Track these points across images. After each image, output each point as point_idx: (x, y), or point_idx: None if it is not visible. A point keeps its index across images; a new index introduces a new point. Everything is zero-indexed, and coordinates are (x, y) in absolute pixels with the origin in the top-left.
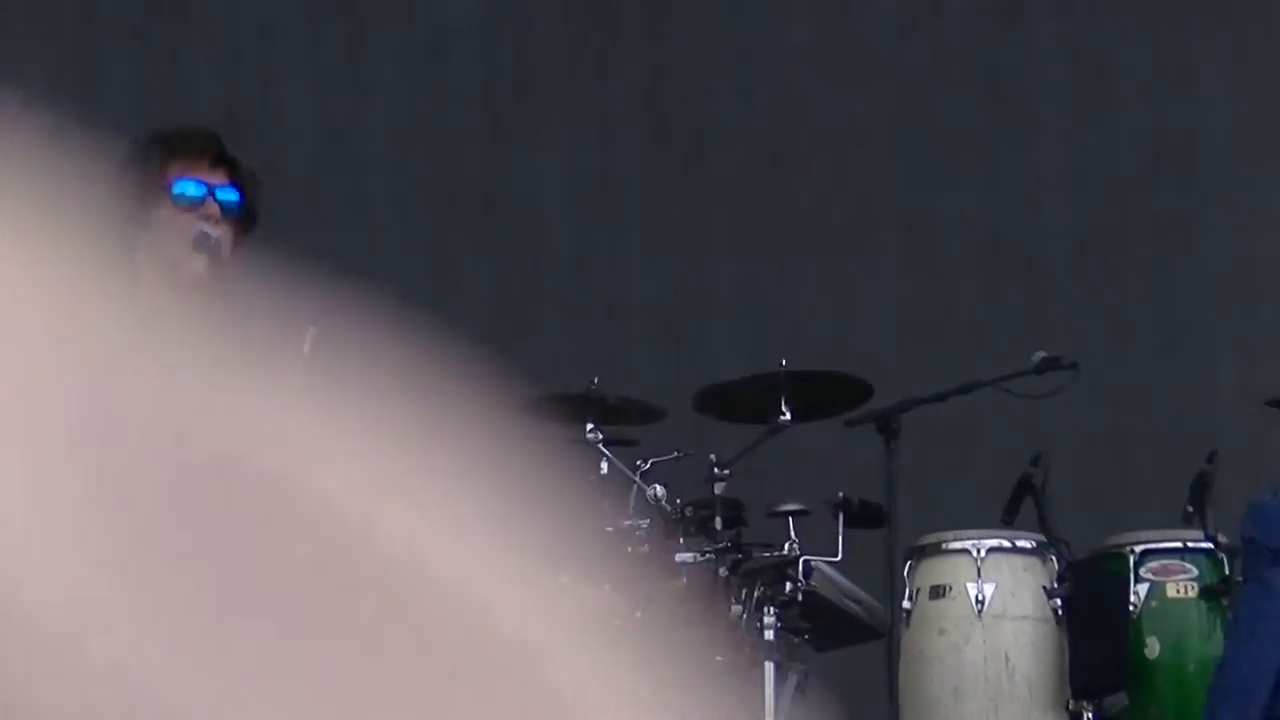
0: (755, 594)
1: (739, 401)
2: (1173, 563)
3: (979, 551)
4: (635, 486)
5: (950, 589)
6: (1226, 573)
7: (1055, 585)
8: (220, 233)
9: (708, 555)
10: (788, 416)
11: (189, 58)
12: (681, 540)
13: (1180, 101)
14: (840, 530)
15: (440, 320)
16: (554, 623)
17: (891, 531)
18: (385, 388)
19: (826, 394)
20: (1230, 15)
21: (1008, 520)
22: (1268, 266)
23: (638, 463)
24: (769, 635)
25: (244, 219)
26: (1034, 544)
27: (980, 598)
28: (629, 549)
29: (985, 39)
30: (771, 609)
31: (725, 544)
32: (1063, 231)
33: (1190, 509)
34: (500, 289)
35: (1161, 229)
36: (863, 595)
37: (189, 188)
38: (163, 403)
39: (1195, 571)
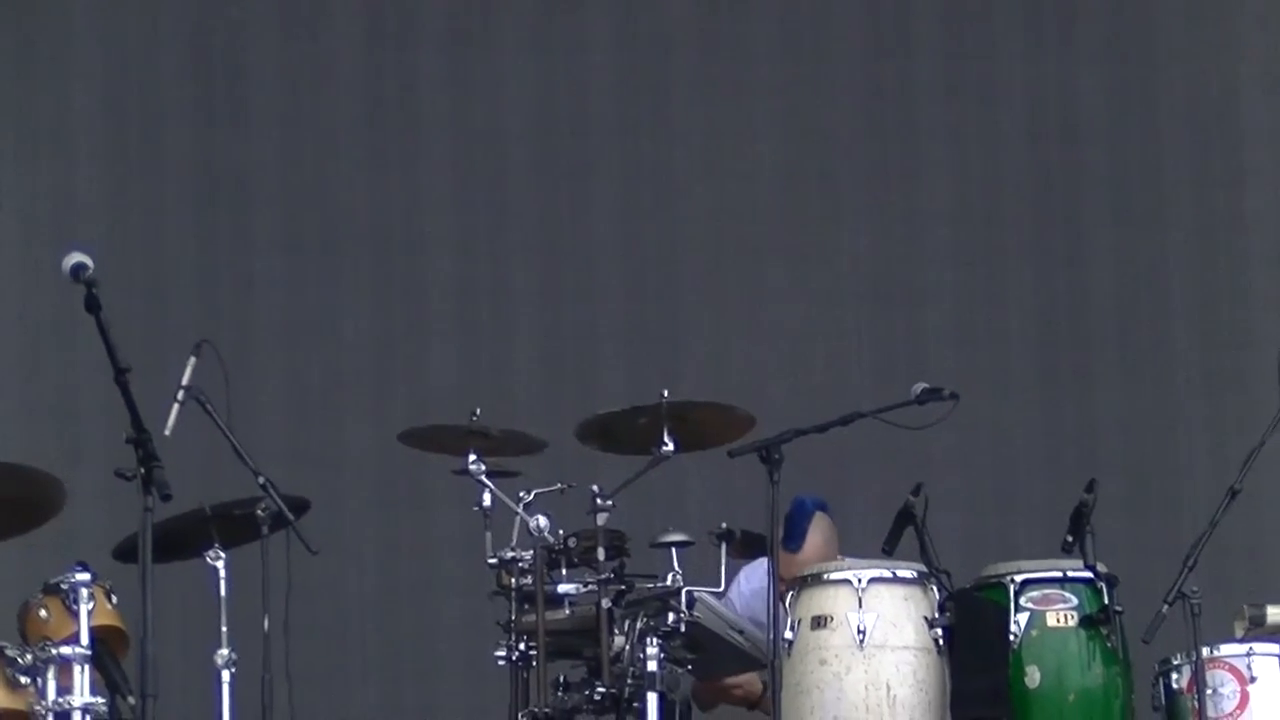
0: (638, 625)
1: (621, 432)
2: (1053, 592)
3: (860, 582)
4: (518, 518)
5: (832, 619)
6: (1106, 601)
7: (936, 615)
8: None
9: (590, 587)
10: (670, 447)
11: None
12: (564, 572)
13: (1063, 135)
14: (723, 561)
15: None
16: None
17: (773, 562)
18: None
19: (709, 425)
20: (1112, 45)
21: (888, 551)
22: (1147, 298)
23: (520, 494)
24: (652, 666)
25: None
26: (915, 574)
27: (862, 628)
28: (512, 580)
29: (872, 73)
30: (655, 640)
31: (608, 575)
32: (945, 263)
33: (1070, 538)
34: (383, 319)
35: (1043, 261)
36: (745, 625)
37: None
38: None
39: (1075, 601)
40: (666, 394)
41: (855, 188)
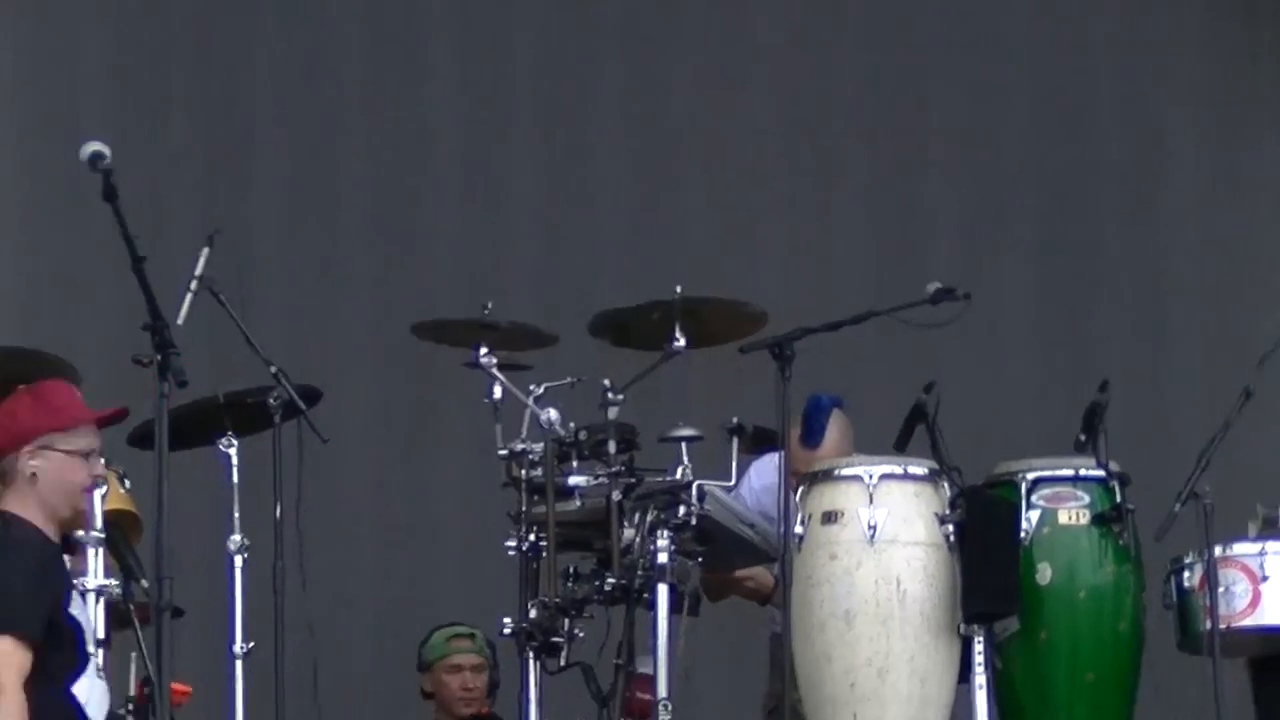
0: (649, 518)
1: (634, 327)
2: (1064, 490)
3: (871, 478)
4: (529, 411)
5: (843, 515)
6: (1118, 500)
7: (947, 512)
8: None
9: (601, 480)
10: (682, 342)
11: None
12: (575, 464)
13: (1070, 50)
14: (734, 455)
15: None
16: None
17: (784, 457)
18: None
19: (720, 321)
20: None
21: (900, 447)
22: (1145, 207)
23: (531, 387)
24: (662, 558)
25: None
26: (926, 471)
27: (872, 524)
28: (522, 472)
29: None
30: (665, 533)
31: (618, 469)
32: (945, 166)
33: (1083, 437)
34: (392, 215)
35: (1052, 166)
36: (755, 519)
37: None
38: None
39: (1087, 499)
40: (680, 289)
41: (857, 89)
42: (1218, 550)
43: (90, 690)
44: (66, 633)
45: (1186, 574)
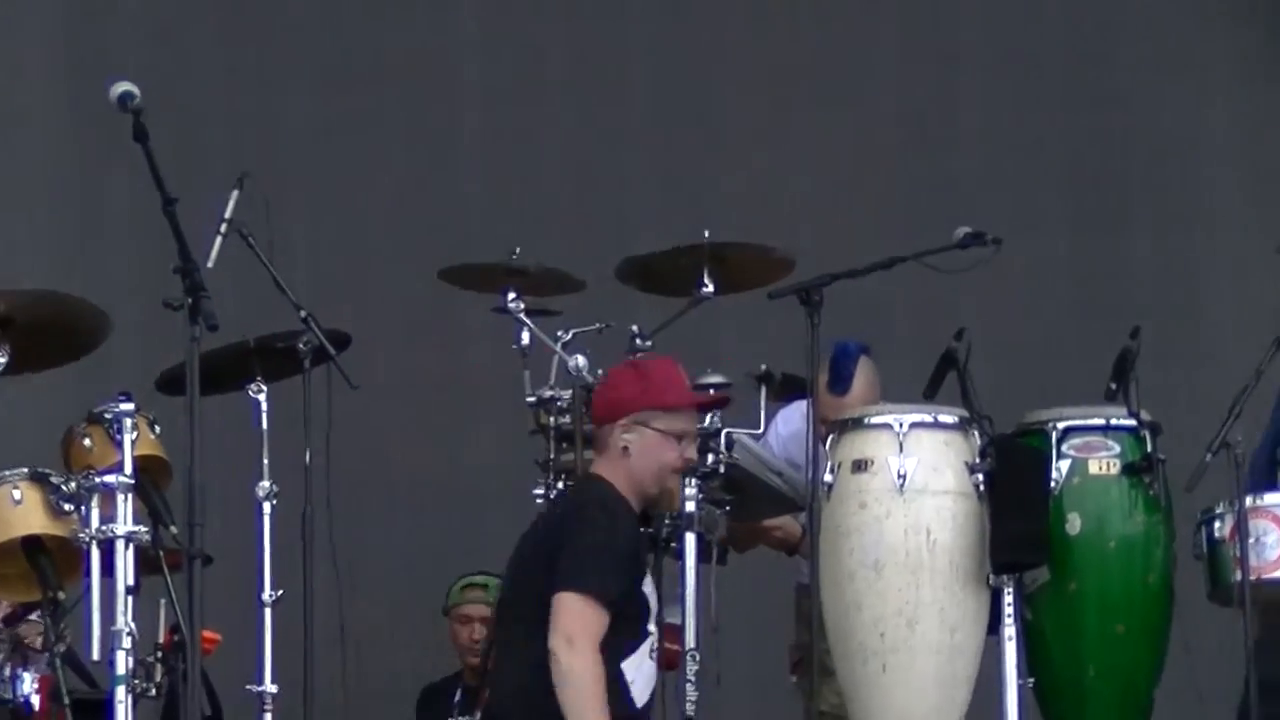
0: None
1: (661, 273)
2: (1095, 439)
3: (901, 426)
4: (557, 357)
5: (872, 463)
6: (1149, 450)
7: (977, 461)
8: None
9: None
10: (710, 288)
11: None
12: None
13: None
14: (762, 403)
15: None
16: None
17: (812, 405)
18: None
19: (748, 267)
20: None
21: (930, 395)
22: (1182, 142)
23: (559, 333)
24: (690, 506)
25: None
26: (956, 419)
27: (902, 472)
28: (550, 419)
29: None
30: (693, 480)
31: None
32: (977, 107)
33: (1113, 385)
34: (421, 159)
35: (1076, 104)
36: (783, 467)
37: None
38: None
39: (1117, 448)
40: (708, 234)
41: (888, 33)
42: (1249, 500)
43: (639, 669)
44: (634, 608)
45: (1217, 524)
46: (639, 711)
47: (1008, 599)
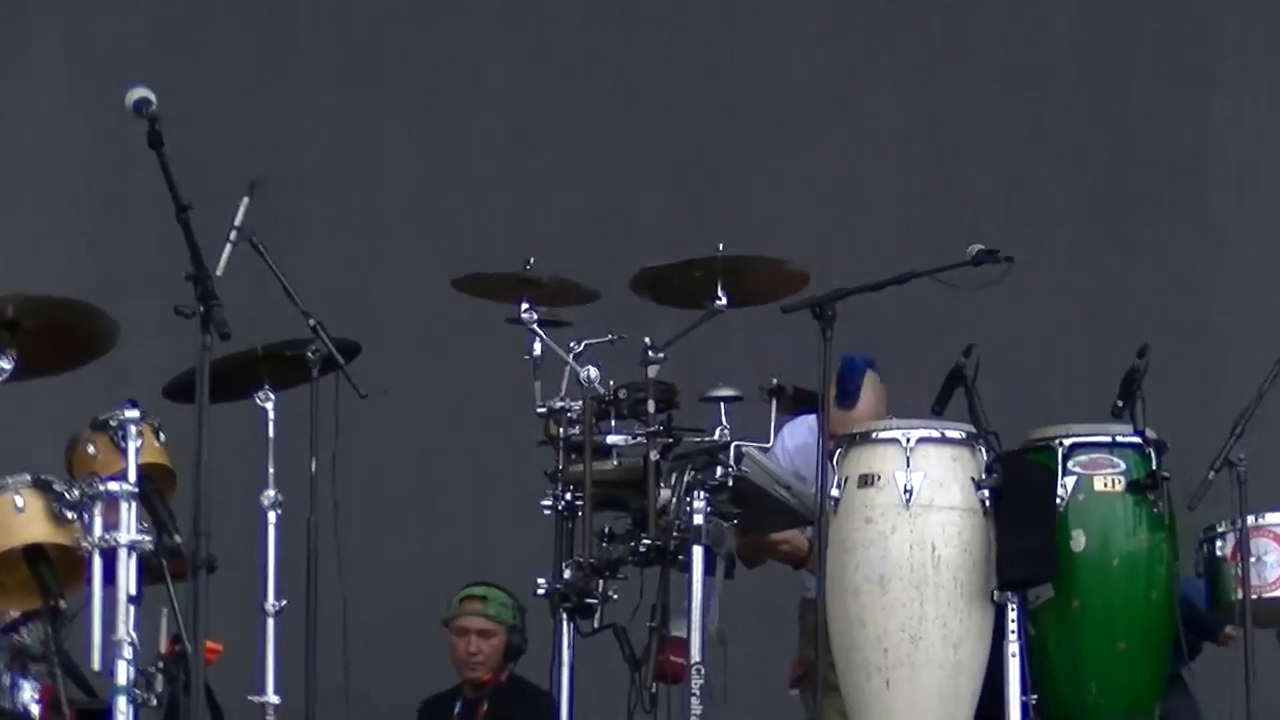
0: (685, 478)
1: (675, 285)
2: (1101, 456)
3: (909, 441)
4: (568, 368)
5: (879, 478)
6: (1154, 467)
7: (984, 476)
8: None
9: (639, 438)
10: (724, 301)
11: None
12: (613, 423)
13: (1109, 8)
14: (773, 416)
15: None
16: None
17: (822, 420)
18: None
19: (762, 280)
20: None
21: (938, 410)
22: (1192, 160)
23: (571, 344)
24: (698, 520)
25: None
26: (963, 435)
27: (909, 487)
28: (560, 430)
29: None
30: (701, 493)
31: (657, 428)
32: (990, 124)
33: (1120, 403)
34: (435, 168)
35: (1088, 122)
36: (792, 481)
37: None
38: None
39: (1123, 466)
40: (722, 247)
41: (903, 46)
42: (1250, 519)
43: None
44: None
45: (1219, 543)
46: None
47: (1012, 615)
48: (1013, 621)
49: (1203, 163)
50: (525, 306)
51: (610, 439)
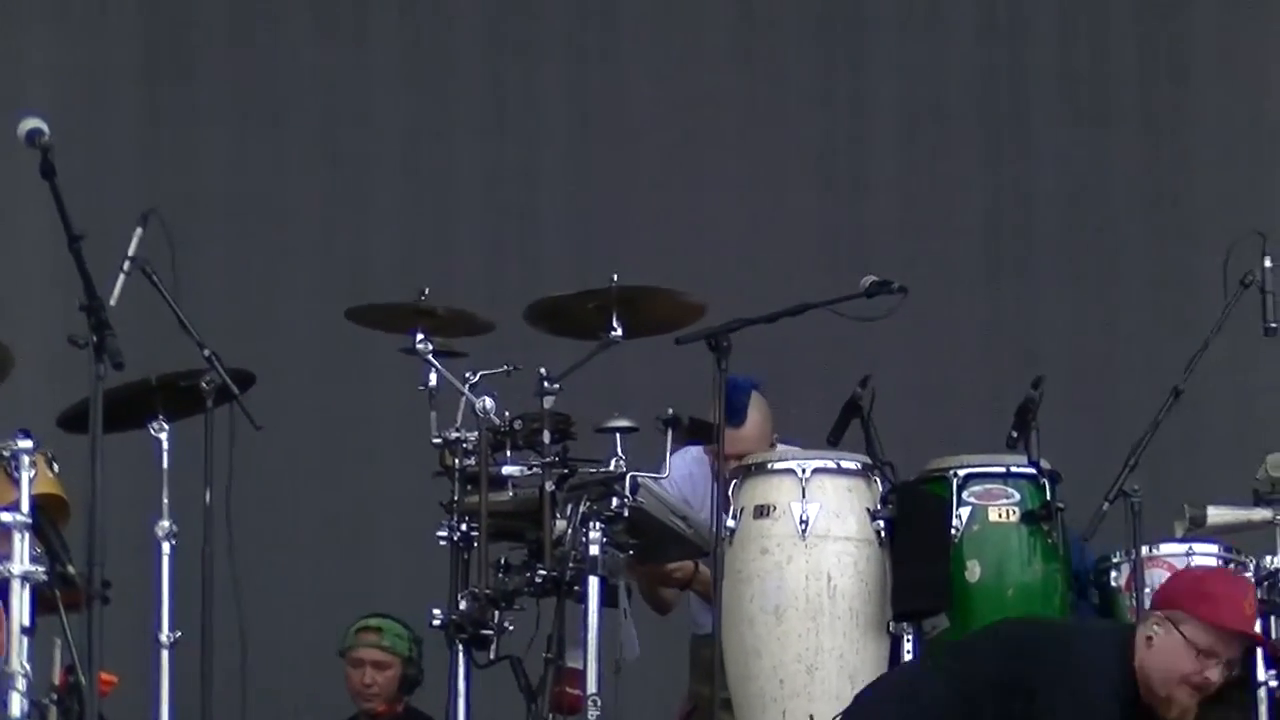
0: (581, 509)
1: (570, 316)
2: (995, 487)
3: (804, 471)
4: (464, 399)
5: (775, 508)
6: (1048, 498)
7: (879, 507)
8: None
9: (535, 469)
10: (619, 332)
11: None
12: (509, 453)
13: (1011, 30)
14: (669, 447)
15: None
16: None
17: (719, 450)
18: None
19: (658, 311)
20: None
21: (834, 441)
22: (1092, 196)
23: (466, 375)
24: (594, 550)
25: None
26: (859, 465)
27: (804, 518)
28: (456, 460)
29: None
30: (597, 524)
31: (553, 458)
32: (891, 156)
33: (1014, 434)
34: (328, 195)
35: (989, 156)
36: (688, 512)
37: None
38: None
39: (1017, 496)
40: (617, 278)
41: (804, 77)
42: (1145, 550)
43: None
44: None
45: (1114, 573)
46: None
47: (907, 646)
48: (908, 652)
49: (1100, 195)
50: (420, 337)
51: (506, 470)
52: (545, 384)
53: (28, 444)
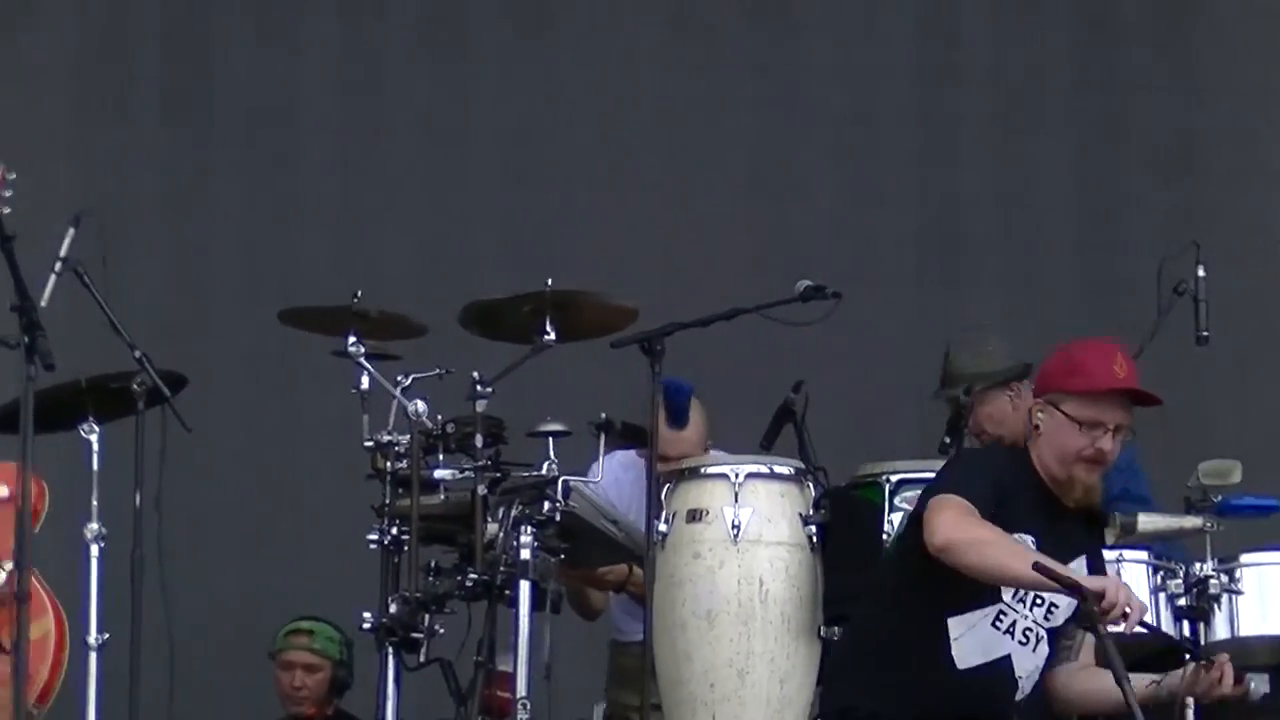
0: (513, 513)
1: (504, 320)
2: None
3: (737, 476)
4: (396, 402)
5: (707, 513)
6: None
7: (812, 512)
8: None
9: (466, 473)
10: (552, 336)
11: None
12: (440, 457)
13: (947, 35)
14: (601, 451)
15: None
16: None
17: (652, 454)
18: None
19: (591, 315)
20: None
21: (766, 446)
22: (1025, 202)
23: (399, 378)
24: (525, 554)
25: None
26: (792, 470)
27: (737, 522)
28: (387, 464)
29: None
30: (529, 528)
31: (485, 462)
32: (824, 160)
33: (948, 439)
34: (260, 197)
35: (922, 162)
36: (620, 516)
37: None
38: None
39: None
40: (550, 282)
41: (737, 82)
42: None
43: (972, 630)
44: None
45: None
46: (958, 673)
47: None
48: None
49: (1033, 202)
50: (353, 340)
51: (438, 473)
52: (478, 388)
53: None
